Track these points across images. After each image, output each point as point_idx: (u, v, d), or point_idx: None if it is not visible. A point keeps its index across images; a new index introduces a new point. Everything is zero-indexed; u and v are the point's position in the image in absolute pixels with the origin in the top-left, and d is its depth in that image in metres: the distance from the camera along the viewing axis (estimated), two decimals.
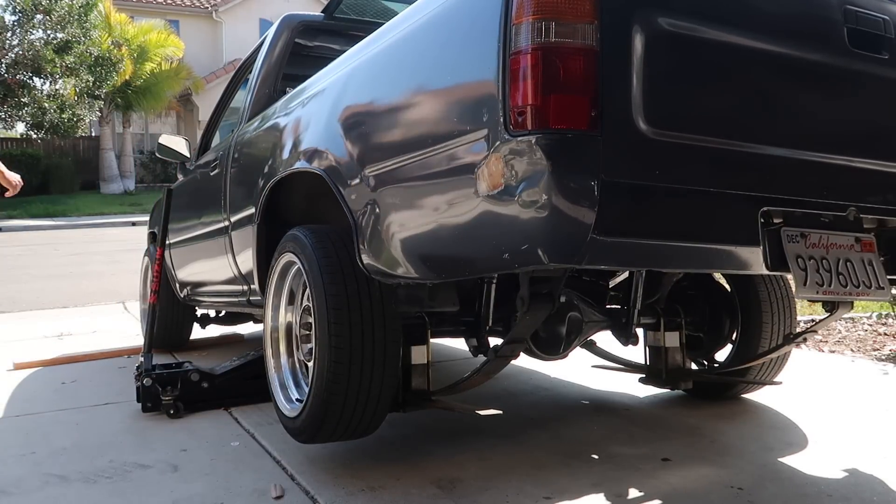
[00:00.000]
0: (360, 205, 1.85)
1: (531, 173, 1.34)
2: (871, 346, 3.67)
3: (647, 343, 2.52)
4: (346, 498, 1.85)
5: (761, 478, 1.95)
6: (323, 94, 2.17)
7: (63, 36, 16.46)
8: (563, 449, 2.20)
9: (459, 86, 1.53)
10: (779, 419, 2.49)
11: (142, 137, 22.62)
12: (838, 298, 1.72)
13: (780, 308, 2.53)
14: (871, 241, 1.74)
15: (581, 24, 1.36)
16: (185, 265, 3.70)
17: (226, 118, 3.75)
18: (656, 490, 1.88)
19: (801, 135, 1.64)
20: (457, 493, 1.87)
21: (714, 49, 1.53)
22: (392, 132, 1.77)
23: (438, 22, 1.64)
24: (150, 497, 1.92)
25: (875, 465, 2.03)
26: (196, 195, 3.51)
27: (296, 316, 2.21)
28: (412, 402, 2.02)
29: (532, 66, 1.34)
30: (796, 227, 1.63)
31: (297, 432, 2.04)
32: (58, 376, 3.47)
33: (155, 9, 22.60)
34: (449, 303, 2.00)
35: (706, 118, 1.53)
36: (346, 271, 1.90)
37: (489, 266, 1.59)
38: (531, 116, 1.34)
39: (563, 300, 2.09)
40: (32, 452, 2.32)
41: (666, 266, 1.83)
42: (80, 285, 7.05)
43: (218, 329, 4.34)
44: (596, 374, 2.91)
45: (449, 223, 1.56)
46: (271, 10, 20.92)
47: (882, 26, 1.72)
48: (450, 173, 1.52)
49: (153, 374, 2.72)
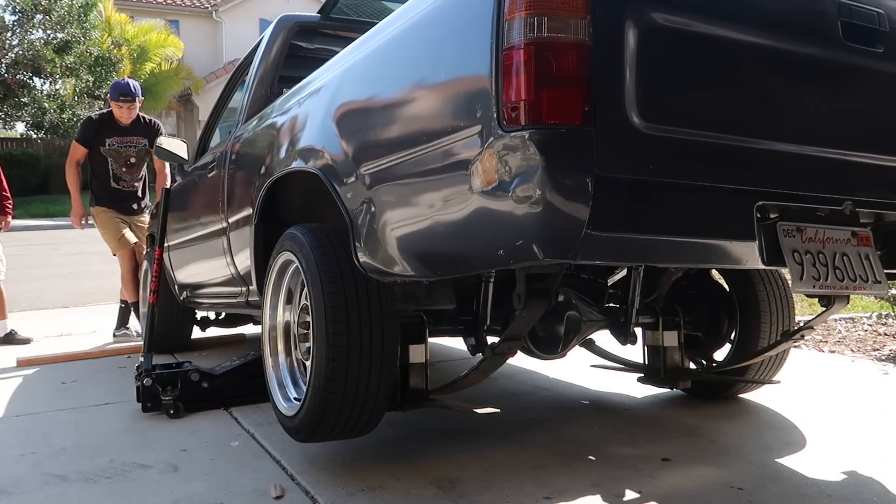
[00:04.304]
0: (355, 203, 1.85)
1: (525, 169, 1.33)
2: (871, 346, 3.66)
3: (646, 342, 2.52)
4: (346, 498, 1.85)
5: (761, 478, 1.95)
6: (318, 94, 2.17)
7: (63, 36, 16.48)
8: (563, 449, 2.20)
9: (453, 82, 1.53)
10: (778, 419, 2.48)
11: None
12: (835, 293, 1.72)
13: (778, 307, 2.52)
14: (867, 235, 1.74)
15: (573, 18, 1.35)
16: (184, 267, 3.70)
17: (224, 119, 3.74)
18: (656, 490, 1.88)
19: (796, 129, 1.64)
20: (457, 493, 1.87)
21: (708, 43, 1.52)
22: (386, 130, 1.77)
23: (432, 19, 1.64)
24: (150, 497, 1.92)
25: (875, 466, 2.03)
26: (194, 197, 3.51)
27: (294, 315, 2.21)
28: (410, 401, 2.02)
29: (525, 62, 1.34)
30: (792, 222, 1.62)
31: (294, 431, 2.03)
32: (58, 376, 3.47)
33: (155, 9, 22.60)
34: (446, 301, 2.00)
35: (700, 112, 1.52)
36: (343, 270, 1.90)
37: (485, 263, 1.59)
38: (524, 112, 1.34)
39: (561, 299, 2.08)
40: (32, 452, 2.32)
41: (661, 261, 1.82)
42: (80, 285, 7.06)
43: (218, 330, 4.34)
44: (595, 374, 2.91)
45: (444, 220, 1.56)
46: (271, 10, 20.86)
47: (876, 20, 1.72)
48: (444, 170, 1.52)
49: (153, 373, 2.72)
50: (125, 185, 4.55)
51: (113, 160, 4.50)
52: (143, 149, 4.55)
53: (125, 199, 4.57)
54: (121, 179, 4.53)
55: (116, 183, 4.53)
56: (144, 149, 4.56)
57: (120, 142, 4.49)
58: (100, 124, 4.52)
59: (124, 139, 4.50)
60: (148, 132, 4.57)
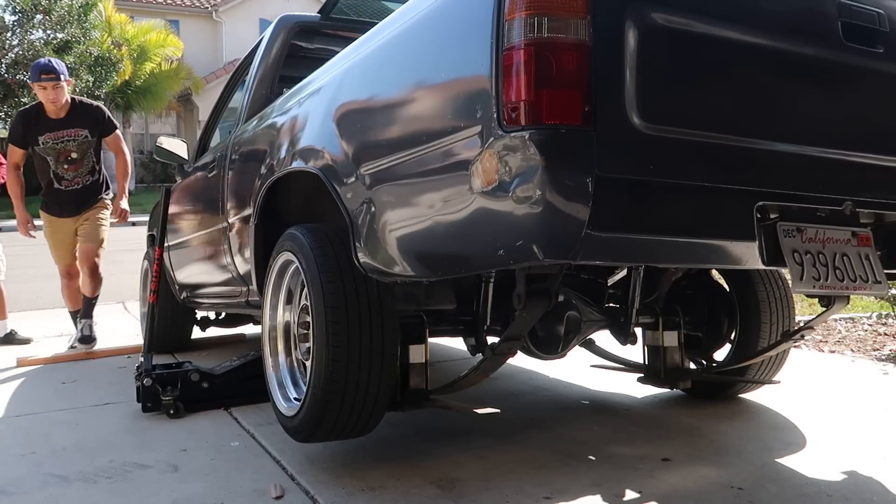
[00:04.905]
0: (355, 203, 1.85)
1: (525, 169, 1.33)
2: (871, 346, 3.66)
3: (646, 342, 2.51)
4: (346, 498, 1.85)
5: (761, 478, 1.95)
6: (318, 94, 2.17)
7: (63, 36, 16.48)
8: (563, 449, 2.20)
9: (453, 82, 1.53)
10: (778, 419, 2.49)
11: (142, 137, 22.62)
12: (835, 293, 1.72)
13: (778, 307, 2.52)
14: (867, 235, 1.74)
15: (573, 19, 1.35)
16: (184, 267, 3.70)
17: (224, 119, 3.74)
18: (656, 490, 1.88)
19: (796, 129, 1.64)
20: (457, 493, 1.87)
21: (708, 44, 1.52)
22: (386, 130, 1.77)
23: (432, 19, 1.64)
24: (150, 497, 1.92)
25: (875, 466, 2.03)
26: (194, 197, 3.52)
27: (294, 315, 2.21)
28: (410, 401, 2.01)
29: (525, 62, 1.34)
30: (792, 222, 1.62)
31: (294, 431, 2.03)
32: (58, 376, 3.47)
33: (155, 9, 22.61)
34: (446, 301, 2.00)
35: (700, 113, 1.52)
36: (343, 270, 1.90)
37: (485, 263, 1.59)
38: (524, 112, 1.34)
39: (561, 299, 2.08)
40: (32, 452, 2.32)
41: (661, 262, 1.82)
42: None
43: (218, 330, 4.34)
44: (595, 374, 2.91)
45: (444, 220, 1.56)
46: (271, 10, 20.88)
47: (876, 20, 1.72)
48: (444, 170, 1.52)
49: (153, 373, 2.72)
50: (68, 184, 4.01)
51: (52, 159, 3.94)
52: (85, 140, 3.94)
53: (70, 199, 4.04)
54: (63, 179, 3.99)
55: (59, 183, 4.00)
56: (87, 140, 3.95)
57: (55, 137, 3.89)
58: (28, 120, 3.93)
59: (59, 133, 3.89)
60: (87, 120, 3.98)
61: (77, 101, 4.00)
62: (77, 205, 4.05)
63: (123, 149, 4.14)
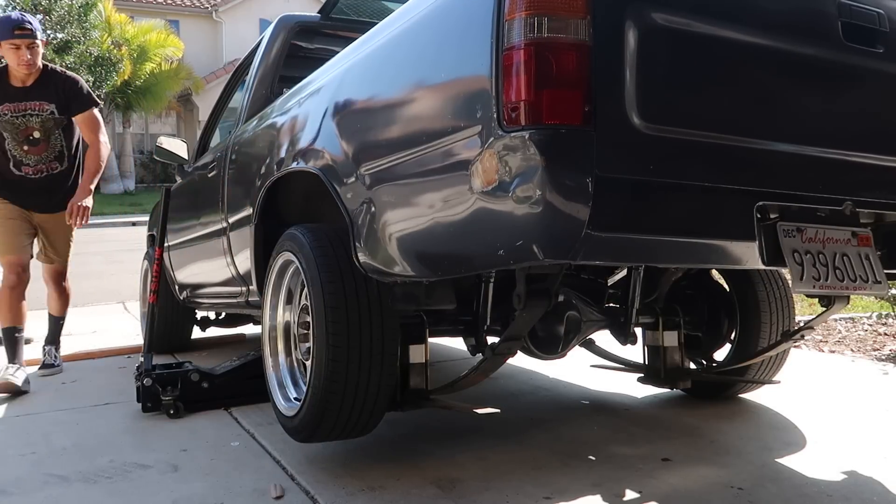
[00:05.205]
0: (355, 203, 1.85)
1: (525, 169, 1.33)
2: (871, 346, 3.66)
3: (646, 342, 2.51)
4: (346, 498, 1.85)
5: (761, 478, 1.95)
6: (318, 94, 2.17)
7: (63, 36, 16.49)
8: (563, 449, 2.20)
9: (453, 82, 1.53)
10: (779, 419, 2.49)
11: (142, 137, 22.63)
12: (835, 293, 1.72)
13: (778, 307, 2.52)
14: (867, 235, 1.74)
15: (573, 19, 1.35)
16: (184, 267, 3.70)
17: (224, 119, 3.75)
18: (656, 490, 1.88)
19: (796, 129, 1.64)
20: (457, 492, 1.87)
21: (708, 44, 1.53)
22: (386, 130, 1.77)
23: (432, 19, 1.64)
24: (150, 497, 1.92)
25: (875, 466, 2.03)
26: (194, 197, 3.51)
27: (294, 315, 2.21)
28: (410, 401, 2.02)
29: (525, 62, 1.34)
30: (792, 222, 1.62)
31: (294, 431, 2.03)
32: (58, 376, 3.48)
33: (155, 9, 22.62)
34: (446, 301, 2.00)
35: (700, 113, 1.52)
36: (343, 270, 1.90)
37: (485, 263, 1.59)
38: (524, 112, 1.34)
39: (561, 299, 2.09)
40: (32, 452, 2.32)
41: (661, 262, 1.82)
42: (80, 285, 7.00)
43: (218, 330, 4.34)
44: (595, 374, 2.91)
45: (444, 220, 1.56)
46: (271, 10, 20.89)
47: (876, 20, 1.72)
48: (444, 170, 1.52)
49: (153, 374, 2.72)
50: (30, 170, 3.26)
51: (10, 136, 3.20)
52: (51, 117, 3.20)
53: (32, 191, 3.29)
54: (22, 164, 3.25)
55: (18, 169, 3.25)
56: (52, 117, 3.20)
57: (14, 109, 3.17)
58: None
59: (20, 105, 3.17)
60: (56, 93, 3.23)
61: (50, 69, 3.28)
62: (40, 199, 3.32)
63: (99, 134, 3.32)
